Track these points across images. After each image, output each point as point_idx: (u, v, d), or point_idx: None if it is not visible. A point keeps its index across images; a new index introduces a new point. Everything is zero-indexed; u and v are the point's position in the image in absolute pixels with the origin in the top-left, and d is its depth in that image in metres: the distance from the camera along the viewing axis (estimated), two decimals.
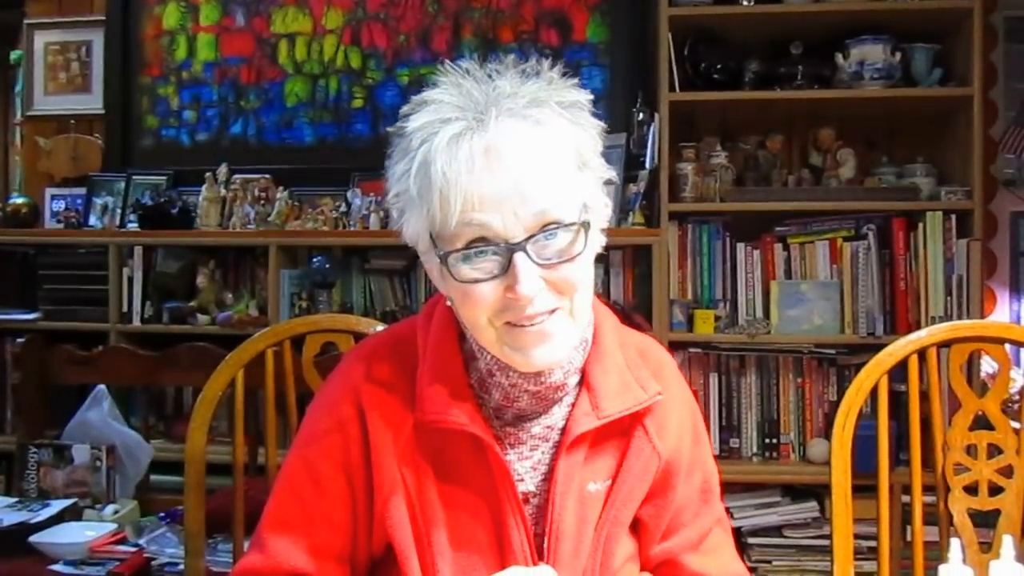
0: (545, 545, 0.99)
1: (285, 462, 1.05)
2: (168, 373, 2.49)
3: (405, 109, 0.96)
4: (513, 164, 0.89)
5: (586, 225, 0.93)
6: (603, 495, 1.01)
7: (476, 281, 0.91)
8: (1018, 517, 1.37)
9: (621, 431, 1.02)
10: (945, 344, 1.41)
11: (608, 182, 1.00)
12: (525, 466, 1.01)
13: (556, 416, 1.01)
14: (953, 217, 2.64)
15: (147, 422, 2.97)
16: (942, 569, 0.96)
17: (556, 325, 0.94)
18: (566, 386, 1.00)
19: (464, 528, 0.98)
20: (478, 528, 0.98)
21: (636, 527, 1.06)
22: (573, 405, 1.00)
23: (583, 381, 1.01)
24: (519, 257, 0.89)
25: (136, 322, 2.98)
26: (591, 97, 0.99)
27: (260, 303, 2.97)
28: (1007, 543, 0.96)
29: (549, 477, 1.00)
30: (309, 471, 1.02)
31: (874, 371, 1.38)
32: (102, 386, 2.47)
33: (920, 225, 2.66)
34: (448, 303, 1.00)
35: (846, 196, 2.75)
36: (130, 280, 2.99)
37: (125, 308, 2.98)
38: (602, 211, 0.98)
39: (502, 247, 0.90)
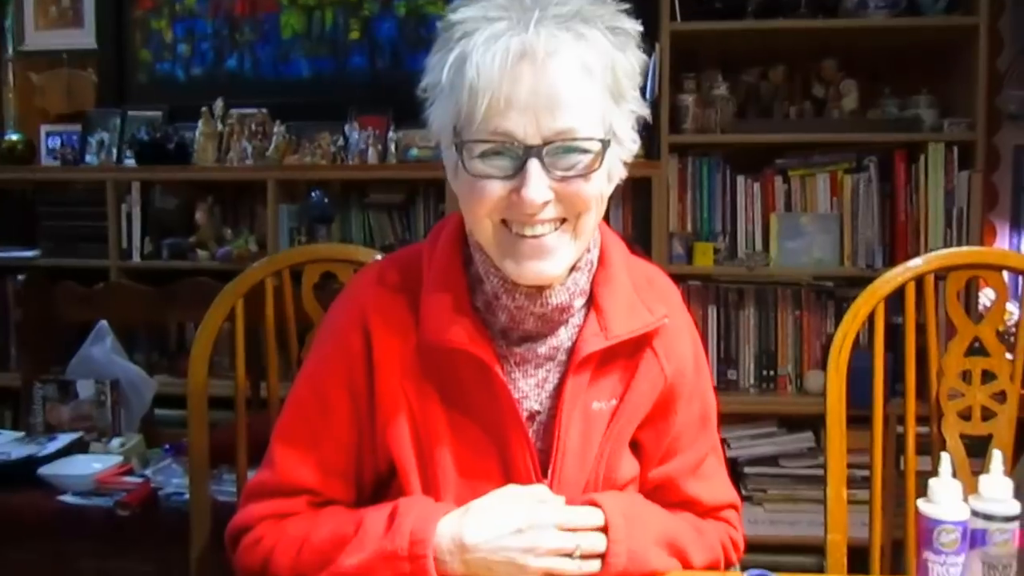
0: (551, 461, 1.01)
1: (295, 382, 1.09)
2: (169, 308, 2.51)
3: (455, 3, 0.96)
4: (546, 71, 0.89)
5: (607, 143, 0.93)
6: (607, 414, 1.03)
7: (487, 177, 0.93)
8: (1010, 441, 1.39)
9: (628, 352, 1.04)
10: (942, 272, 1.40)
11: (640, 119, 1.00)
12: (530, 384, 1.03)
13: (563, 337, 1.03)
14: (955, 149, 2.62)
15: (150, 358, 3.00)
16: (932, 482, 0.97)
17: (556, 240, 0.95)
18: (572, 308, 1.02)
19: (468, 445, 1.01)
20: (482, 445, 1.01)
21: (637, 449, 1.08)
22: (581, 327, 1.02)
23: (591, 303, 1.03)
24: (532, 163, 0.91)
25: (136, 259, 2.99)
26: (641, 29, 0.98)
27: (259, 238, 2.96)
28: (996, 457, 0.98)
29: (556, 395, 1.02)
30: (315, 391, 1.05)
31: (870, 298, 1.37)
32: (104, 322, 2.48)
33: (922, 157, 2.64)
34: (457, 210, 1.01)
35: (848, 128, 2.72)
36: (129, 216, 2.99)
37: (125, 245, 2.99)
38: (628, 144, 0.99)
39: (518, 148, 0.91)
